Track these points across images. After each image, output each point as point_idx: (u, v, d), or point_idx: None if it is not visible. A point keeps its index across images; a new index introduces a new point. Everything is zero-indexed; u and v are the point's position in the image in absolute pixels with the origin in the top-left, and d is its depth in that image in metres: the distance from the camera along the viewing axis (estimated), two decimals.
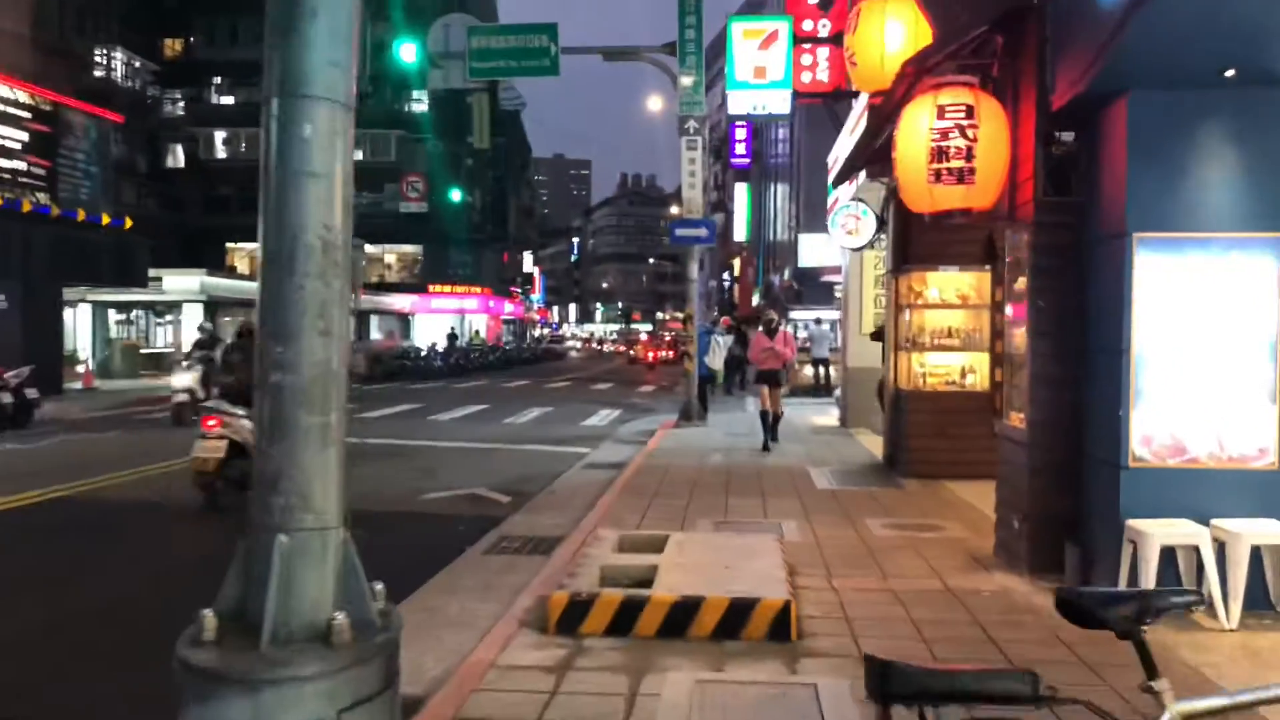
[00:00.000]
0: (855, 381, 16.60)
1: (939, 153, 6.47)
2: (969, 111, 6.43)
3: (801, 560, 6.91)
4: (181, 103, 47.65)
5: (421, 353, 40.68)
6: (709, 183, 33.77)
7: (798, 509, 9.11)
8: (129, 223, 26.66)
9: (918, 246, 11.06)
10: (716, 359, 21.36)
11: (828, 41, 15.96)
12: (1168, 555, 5.49)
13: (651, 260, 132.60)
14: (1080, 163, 6.32)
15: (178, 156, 47.59)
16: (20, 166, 22.58)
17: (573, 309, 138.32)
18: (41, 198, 23.04)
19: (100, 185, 25.96)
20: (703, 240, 18.26)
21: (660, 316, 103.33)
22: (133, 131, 37.01)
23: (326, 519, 2.29)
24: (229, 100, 48.84)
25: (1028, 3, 6.44)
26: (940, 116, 6.47)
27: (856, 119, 11.28)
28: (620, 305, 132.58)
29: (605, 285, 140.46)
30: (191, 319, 32.07)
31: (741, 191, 49.48)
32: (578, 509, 9.21)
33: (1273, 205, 5.56)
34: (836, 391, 20.25)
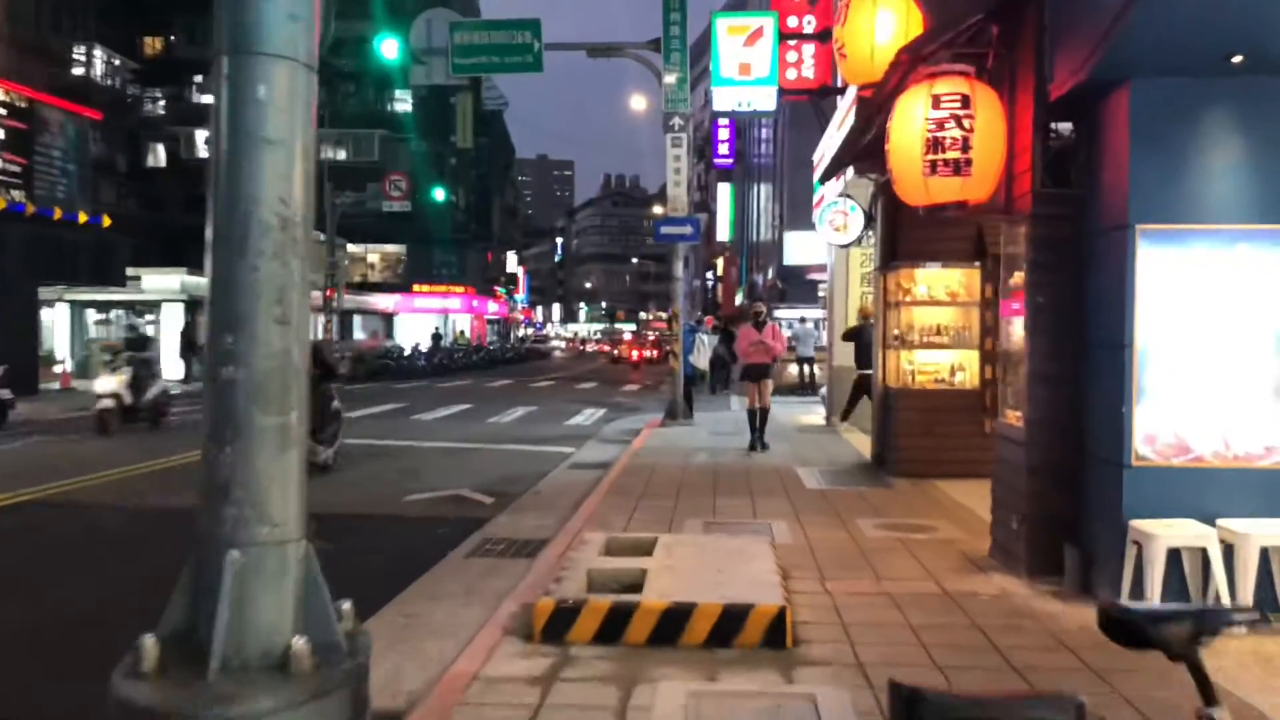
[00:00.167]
0: (841, 380, 16.47)
1: (934, 144, 6.27)
2: (965, 101, 6.25)
3: (793, 562, 6.72)
4: (162, 101, 47.14)
5: (405, 352, 40.38)
6: (693, 182, 33.55)
7: (787, 509, 8.93)
8: (107, 221, 26.31)
9: (906, 243, 10.91)
10: (702, 358, 21.24)
11: (813, 38, 15.86)
12: (1172, 557, 5.33)
13: (635, 260, 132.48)
14: (1079, 154, 6.15)
15: (159, 156, 47.05)
16: None
17: (557, 309, 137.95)
18: (17, 195, 22.65)
19: (78, 183, 25.54)
20: (688, 238, 18.14)
21: (644, 316, 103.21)
22: (112, 130, 36.50)
23: (285, 531, 2.01)
24: (210, 100, 48.30)
25: None
26: (935, 106, 6.28)
27: (844, 114, 11.09)
28: (604, 305, 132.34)
29: (589, 285, 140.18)
30: (172, 319, 31.73)
31: (724, 191, 49.39)
32: (563, 510, 8.99)
33: None
34: (822, 390, 20.13)
